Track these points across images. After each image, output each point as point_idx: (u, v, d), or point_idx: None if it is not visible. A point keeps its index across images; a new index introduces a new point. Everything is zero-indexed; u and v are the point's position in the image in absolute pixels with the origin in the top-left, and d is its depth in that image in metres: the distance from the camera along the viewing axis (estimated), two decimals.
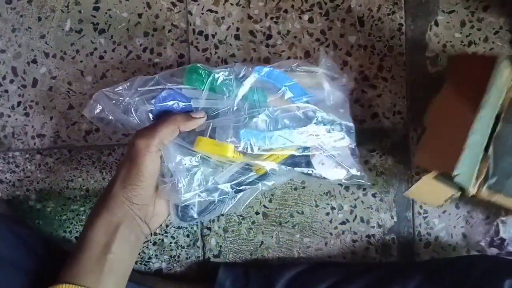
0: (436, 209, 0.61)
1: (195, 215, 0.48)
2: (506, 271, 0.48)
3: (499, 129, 0.47)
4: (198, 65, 0.46)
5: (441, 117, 0.51)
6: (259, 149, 0.46)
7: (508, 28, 0.60)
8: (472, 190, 0.48)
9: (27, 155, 0.64)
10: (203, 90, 0.47)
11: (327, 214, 0.63)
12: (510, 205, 0.48)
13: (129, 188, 0.42)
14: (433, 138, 0.50)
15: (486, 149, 0.47)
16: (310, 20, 0.61)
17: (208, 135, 0.45)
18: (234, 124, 0.46)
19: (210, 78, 0.46)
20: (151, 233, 0.61)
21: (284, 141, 0.48)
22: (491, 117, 0.47)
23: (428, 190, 0.51)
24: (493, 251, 0.60)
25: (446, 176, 0.48)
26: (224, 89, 0.46)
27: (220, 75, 0.46)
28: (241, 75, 0.47)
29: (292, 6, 0.61)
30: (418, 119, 0.61)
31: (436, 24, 0.61)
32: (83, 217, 0.65)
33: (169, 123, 0.43)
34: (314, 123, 0.49)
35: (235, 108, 0.46)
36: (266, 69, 0.48)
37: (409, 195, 0.53)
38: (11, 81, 0.63)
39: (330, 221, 0.63)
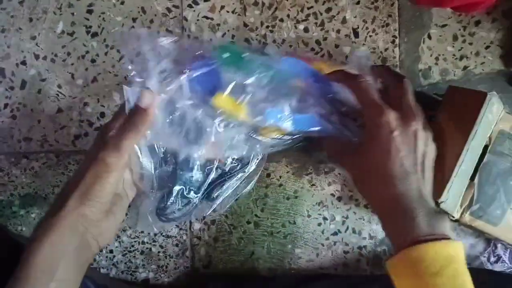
0: None
1: (176, 217, 0.48)
2: (499, 283, 0.49)
3: (485, 160, 0.49)
4: (230, 44, 0.43)
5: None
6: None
7: (498, 43, 0.60)
8: (456, 215, 0.50)
9: (13, 159, 0.61)
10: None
11: (319, 224, 0.61)
12: (489, 231, 0.50)
13: (87, 204, 0.37)
14: None
15: (472, 177, 0.50)
16: (306, 30, 0.60)
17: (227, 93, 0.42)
18: (262, 102, 0.43)
19: (243, 57, 0.43)
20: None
21: (308, 125, 0.46)
22: (479, 148, 0.49)
23: None
24: (490, 266, 0.59)
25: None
26: (256, 69, 0.43)
27: (251, 56, 0.44)
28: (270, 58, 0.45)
29: (288, 16, 0.60)
30: None
31: (429, 37, 0.60)
32: None
33: (131, 132, 0.39)
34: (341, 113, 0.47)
35: (264, 86, 0.44)
36: (292, 59, 0.46)
37: None
38: None
39: (322, 232, 0.61)
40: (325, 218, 0.61)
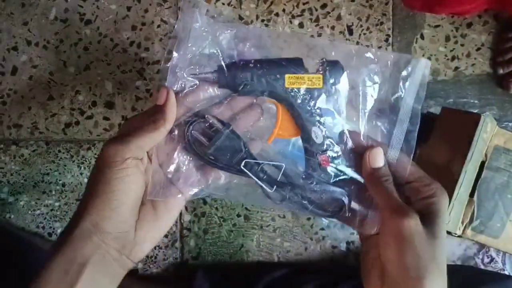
0: None
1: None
2: (482, 279, 0.47)
3: (483, 176, 0.48)
4: None
5: (429, 166, 0.51)
6: None
7: (489, 45, 0.58)
8: (458, 232, 0.49)
9: (2, 146, 0.57)
10: None
11: (309, 219, 0.58)
12: (490, 244, 0.50)
13: (100, 214, 0.29)
14: None
15: (471, 194, 0.49)
16: (301, 25, 0.57)
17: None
18: None
19: None
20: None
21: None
22: (475, 167, 0.48)
23: None
24: (483, 267, 0.58)
25: None
26: None
27: None
28: None
29: (284, 10, 0.57)
30: None
31: (422, 37, 0.58)
32: (58, 213, 0.58)
33: (146, 125, 0.30)
34: None
35: None
36: None
37: None
38: None
39: (311, 226, 0.58)
40: None
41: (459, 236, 0.49)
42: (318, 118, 0.31)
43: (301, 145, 0.33)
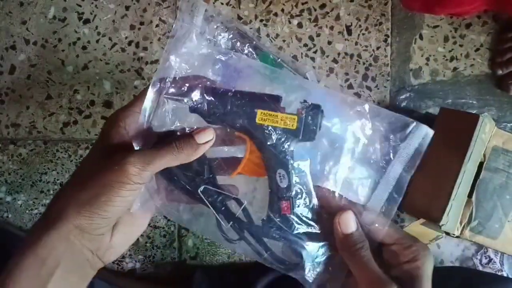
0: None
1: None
2: (481, 280, 0.47)
3: (481, 177, 0.48)
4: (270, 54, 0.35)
5: (427, 167, 0.50)
6: None
7: (488, 46, 0.58)
8: (456, 233, 0.49)
9: (0, 145, 0.57)
10: None
11: None
12: (489, 244, 0.50)
13: (85, 215, 0.28)
14: (420, 188, 0.50)
15: (470, 194, 0.48)
16: (299, 25, 0.57)
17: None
18: None
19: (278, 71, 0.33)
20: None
21: None
22: (474, 167, 0.48)
23: (415, 233, 0.50)
24: (481, 268, 0.58)
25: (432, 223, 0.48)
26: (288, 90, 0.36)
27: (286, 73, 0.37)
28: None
29: (282, 10, 0.57)
30: None
31: (421, 37, 0.58)
32: None
33: (168, 151, 0.29)
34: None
35: None
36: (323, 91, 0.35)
37: None
38: None
39: None
40: None
41: (457, 237, 0.49)
42: (291, 161, 0.29)
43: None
